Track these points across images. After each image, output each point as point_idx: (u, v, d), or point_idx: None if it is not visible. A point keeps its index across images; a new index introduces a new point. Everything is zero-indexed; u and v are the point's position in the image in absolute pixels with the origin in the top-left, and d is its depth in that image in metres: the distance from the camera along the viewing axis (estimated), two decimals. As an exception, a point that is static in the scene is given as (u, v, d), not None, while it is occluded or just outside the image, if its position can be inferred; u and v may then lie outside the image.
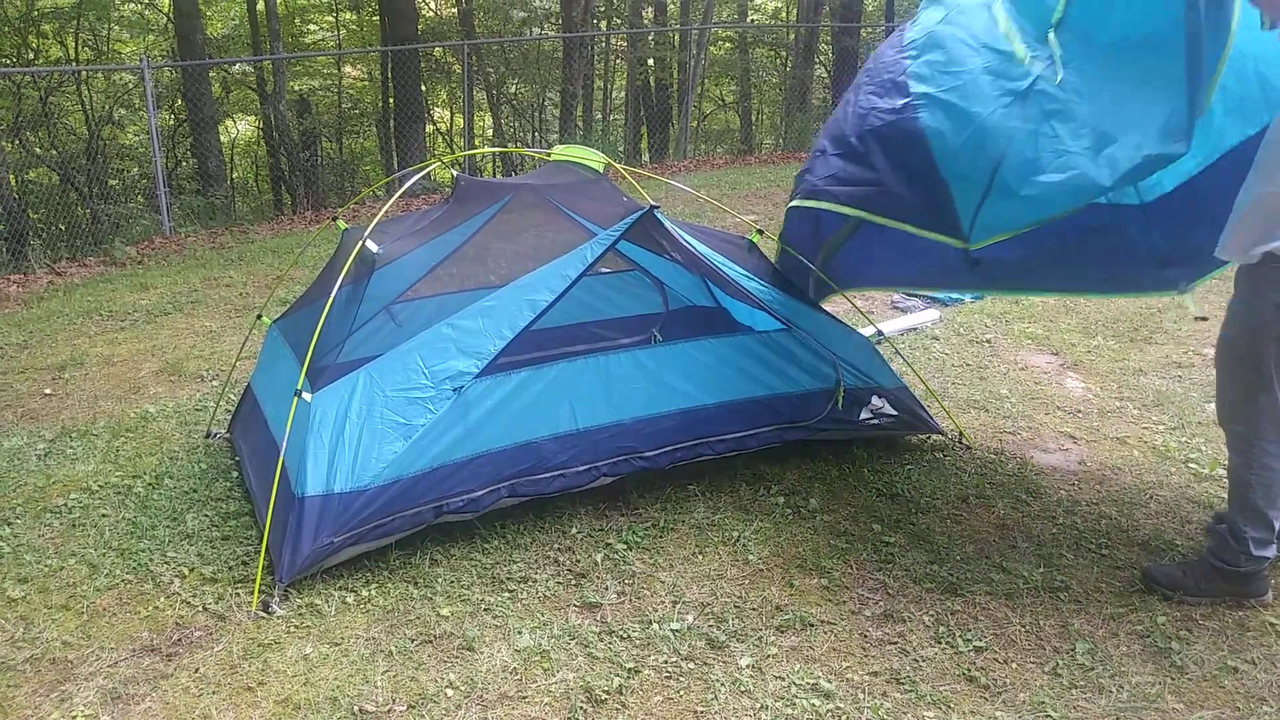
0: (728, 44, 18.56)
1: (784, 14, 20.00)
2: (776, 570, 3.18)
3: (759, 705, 2.56)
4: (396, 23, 12.90)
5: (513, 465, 3.28)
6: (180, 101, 13.46)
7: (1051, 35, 2.93)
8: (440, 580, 3.12)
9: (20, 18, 12.59)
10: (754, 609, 2.97)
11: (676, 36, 16.34)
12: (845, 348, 3.73)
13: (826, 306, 3.92)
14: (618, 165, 3.97)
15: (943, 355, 5.20)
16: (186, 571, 3.21)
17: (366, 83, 17.29)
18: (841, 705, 2.56)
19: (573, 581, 3.13)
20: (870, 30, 15.99)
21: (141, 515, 3.59)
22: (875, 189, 3.17)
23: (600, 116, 17.34)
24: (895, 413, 3.85)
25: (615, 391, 3.43)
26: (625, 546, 3.31)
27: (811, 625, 2.90)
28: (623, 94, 18.19)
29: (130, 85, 12.95)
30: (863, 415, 3.78)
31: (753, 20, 19.83)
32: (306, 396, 3.21)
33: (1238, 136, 3.20)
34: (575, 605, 3.01)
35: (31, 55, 13.41)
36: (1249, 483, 2.89)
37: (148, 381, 5.12)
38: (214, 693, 2.64)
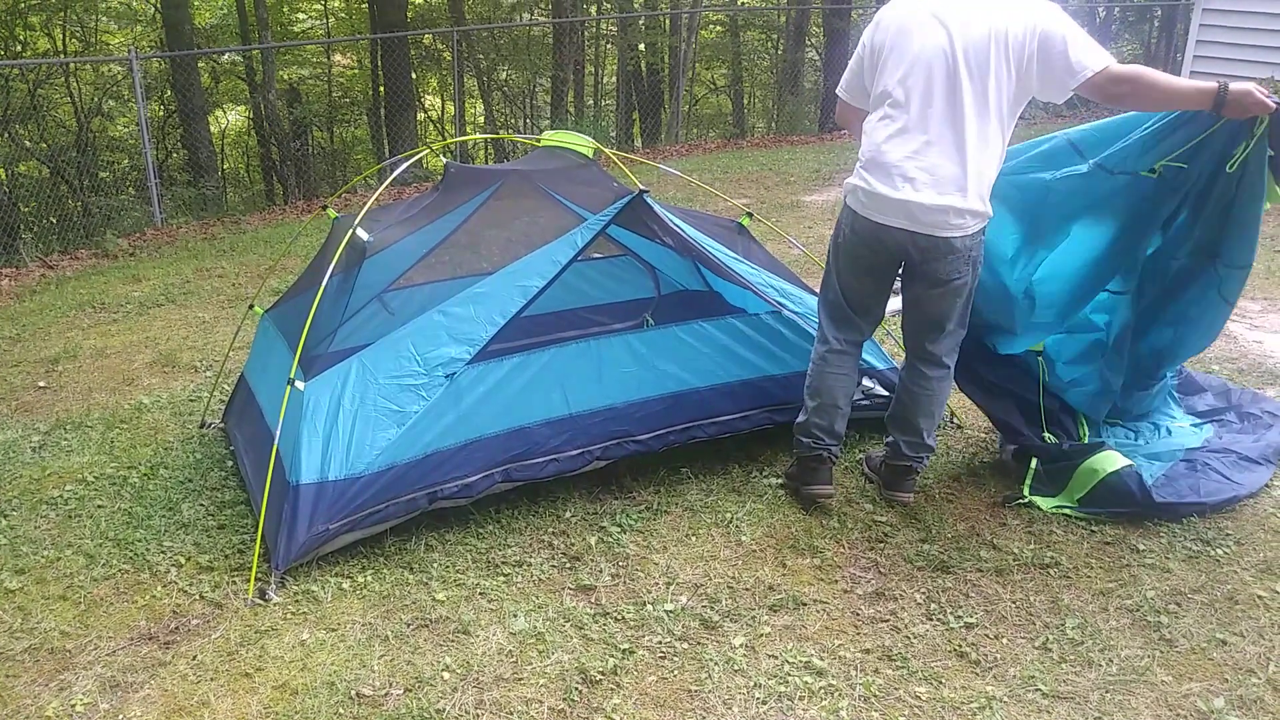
0: (719, 27, 18.51)
1: (774, -4, 19.94)
2: (769, 551, 3.21)
3: (752, 683, 2.59)
4: (385, 10, 12.84)
5: (506, 450, 3.30)
6: (169, 92, 13.42)
7: None
8: (435, 565, 3.14)
9: (7, 10, 12.51)
10: (747, 589, 3.00)
11: (667, 20, 16.29)
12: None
13: None
14: (607, 150, 3.97)
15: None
16: (183, 560, 3.23)
17: (356, 71, 17.22)
18: (834, 682, 2.59)
19: (567, 564, 3.15)
20: (861, 12, 15.91)
21: (137, 506, 3.60)
22: None
23: (592, 102, 17.28)
24: (886, 393, 3.86)
25: (607, 376, 3.44)
26: (619, 529, 3.33)
27: (804, 604, 2.92)
28: (614, 79, 18.12)
29: (119, 76, 12.88)
30: (854, 396, 3.79)
31: (743, 3, 19.75)
32: (300, 385, 3.22)
33: None
34: (570, 588, 3.03)
35: (19, 47, 13.34)
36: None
37: (141, 373, 5.12)
38: (212, 679, 2.66)
